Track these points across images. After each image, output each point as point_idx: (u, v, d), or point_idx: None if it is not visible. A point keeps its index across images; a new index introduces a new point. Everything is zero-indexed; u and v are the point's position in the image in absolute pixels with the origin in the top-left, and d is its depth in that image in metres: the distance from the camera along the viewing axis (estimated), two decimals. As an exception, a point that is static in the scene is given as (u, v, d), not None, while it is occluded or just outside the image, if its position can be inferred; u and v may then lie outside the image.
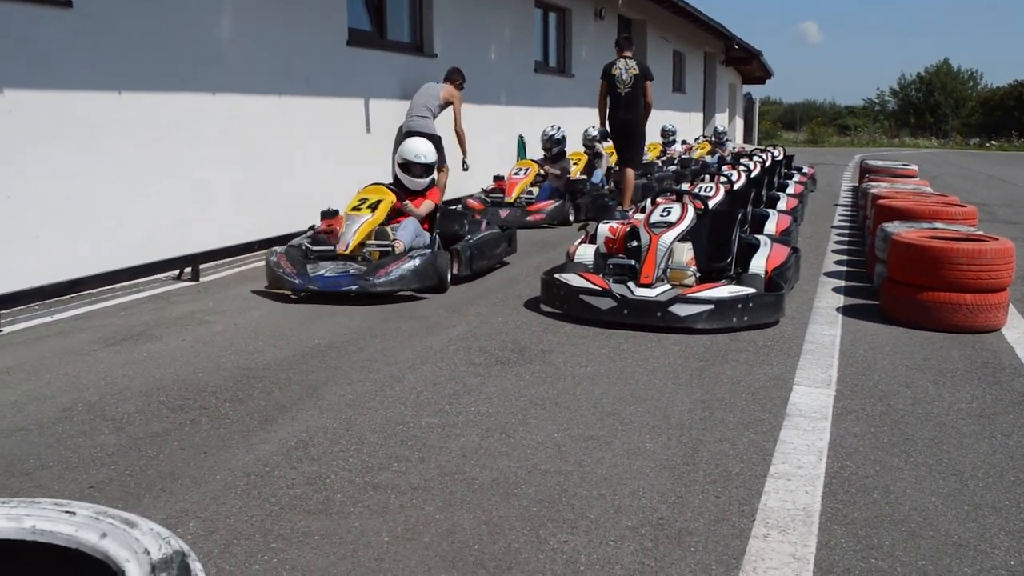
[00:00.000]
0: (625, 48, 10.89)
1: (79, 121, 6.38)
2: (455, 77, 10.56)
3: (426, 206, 7.16)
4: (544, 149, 11.61)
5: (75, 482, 3.22)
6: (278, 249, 6.59)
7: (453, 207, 10.68)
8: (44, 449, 3.54)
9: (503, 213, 10.34)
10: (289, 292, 6.32)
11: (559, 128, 11.62)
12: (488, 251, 7.36)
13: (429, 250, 6.61)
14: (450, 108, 10.41)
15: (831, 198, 14.88)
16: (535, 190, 10.98)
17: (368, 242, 6.64)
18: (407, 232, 6.79)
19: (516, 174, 11.09)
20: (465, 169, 10.70)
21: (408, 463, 3.42)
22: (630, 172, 10.94)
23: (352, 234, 6.56)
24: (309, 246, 6.62)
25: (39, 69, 6.05)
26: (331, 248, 6.57)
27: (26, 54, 5.96)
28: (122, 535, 1.52)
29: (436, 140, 10.02)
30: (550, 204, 10.65)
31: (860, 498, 3.16)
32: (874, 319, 5.91)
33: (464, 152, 10.66)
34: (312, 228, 7.05)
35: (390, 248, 6.58)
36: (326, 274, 6.24)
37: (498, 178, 11.21)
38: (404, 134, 9.89)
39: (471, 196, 10.89)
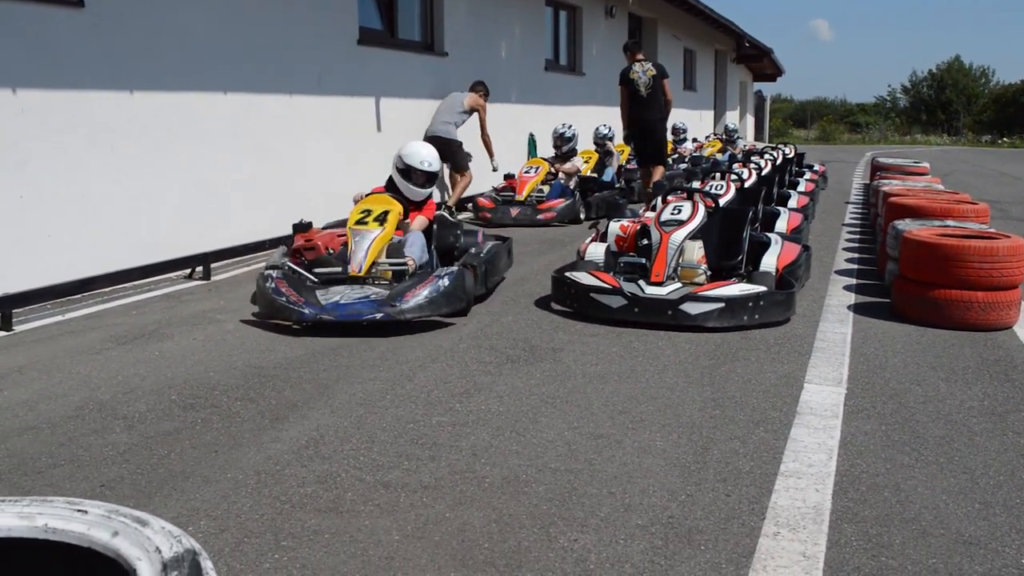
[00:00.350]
0: (636, 52, 11.32)
1: (90, 120, 6.42)
2: (478, 88, 11.05)
3: (419, 222, 6.30)
4: (555, 147, 11.62)
5: (87, 480, 3.24)
6: (272, 272, 5.63)
7: (463, 208, 10.78)
8: (56, 448, 3.56)
9: (514, 211, 10.36)
10: (292, 323, 5.45)
11: (570, 126, 11.64)
12: (498, 264, 6.63)
13: (454, 267, 5.83)
14: (475, 116, 10.91)
15: (842, 196, 14.84)
16: (546, 188, 10.91)
17: (379, 261, 5.87)
18: (416, 248, 6.04)
19: (527, 172, 11.05)
20: (495, 170, 11.22)
21: (419, 461, 3.42)
22: (660, 169, 11.48)
23: (364, 252, 5.78)
24: (292, 266, 5.76)
25: (51, 69, 6.09)
26: (338, 270, 5.79)
27: (38, 54, 5.99)
28: (134, 534, 1.52)
29: (458, 145, 10.58)
30: (561, 202, 10.58)
31: (871, 496, 3.15)
32: (885, 317, 5.90)
33: (492, 155, 11.29)
34: (286, 245, 6.27)
35: (404, 267, 5.85)
36: (342, 301, 5.38)
37: (509, 176, 11.23)
38: (427, 139, 9.90)
39: (482, 195, 10.90)
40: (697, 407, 4.08)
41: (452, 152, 10.45)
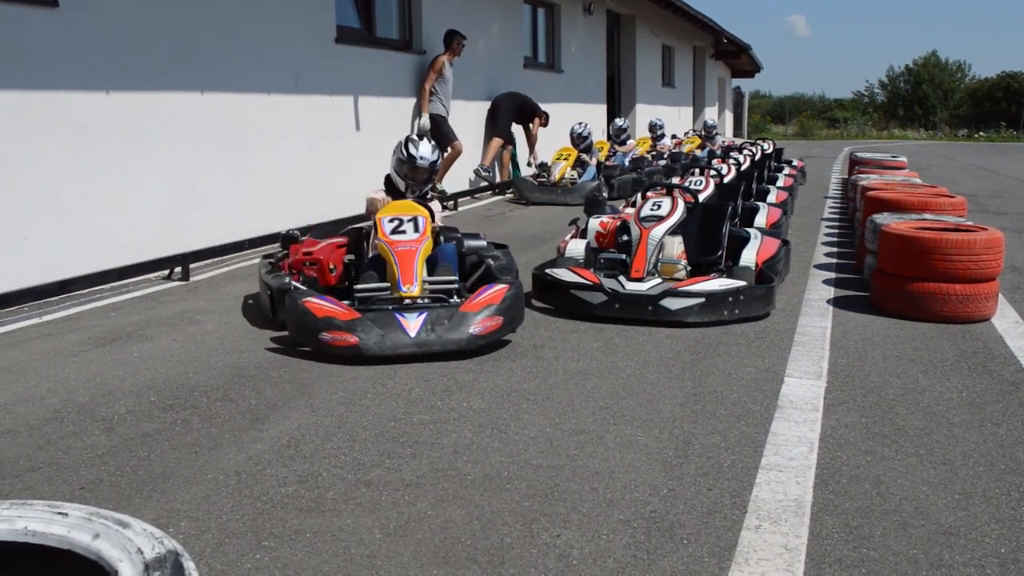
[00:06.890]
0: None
1: (67, 121, 6.37)
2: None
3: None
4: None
5: (66, 483, 3.22)
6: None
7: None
8: (34, 451, 3.53)
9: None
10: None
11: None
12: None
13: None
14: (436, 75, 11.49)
15: (821, 191, 14.90)
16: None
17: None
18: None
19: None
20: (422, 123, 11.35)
21: (400, 460, 3.42)
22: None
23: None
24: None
25: (25, 70, 6.03)
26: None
27: (11, 54, 5.93)
28: (115, 535, 1.52)
29: (441, 119, 11.34)
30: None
31: (851, 488, 3.17)
32: (864, 310, 5.93)
33: (423, 107, 11.41)
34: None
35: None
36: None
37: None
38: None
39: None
40: (678, 402, 4.10)
41: (436, 126, 11.21)
